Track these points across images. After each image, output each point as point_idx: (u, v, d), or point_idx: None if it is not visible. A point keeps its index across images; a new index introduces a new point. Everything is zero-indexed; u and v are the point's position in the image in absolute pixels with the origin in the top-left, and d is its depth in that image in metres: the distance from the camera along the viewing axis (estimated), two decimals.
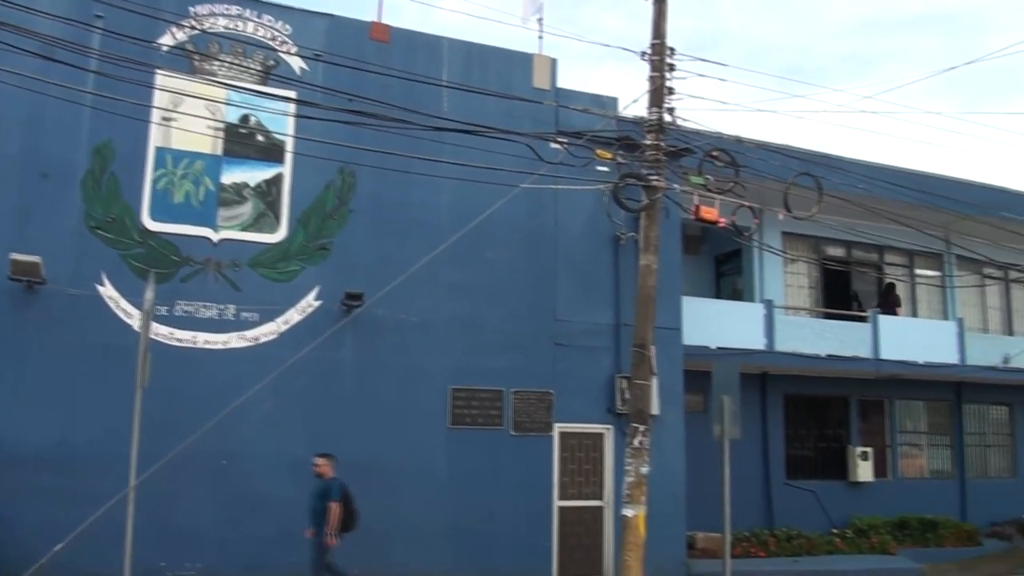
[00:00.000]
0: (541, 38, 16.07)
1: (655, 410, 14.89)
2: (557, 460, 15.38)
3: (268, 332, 13.87)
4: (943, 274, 22.10)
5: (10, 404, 12.56)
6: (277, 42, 14.48)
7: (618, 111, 15.72)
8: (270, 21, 14.50)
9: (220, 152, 14.07)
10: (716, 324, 17.68)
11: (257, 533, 13.08)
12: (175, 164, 13.82)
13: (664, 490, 14.63)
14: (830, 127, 77.73)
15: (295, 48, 14.51)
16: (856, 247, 20.91)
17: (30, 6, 11.38)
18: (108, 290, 13.22)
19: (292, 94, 13.59)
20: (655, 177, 12.63)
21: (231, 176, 14.08)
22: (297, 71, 14.42)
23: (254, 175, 14.20)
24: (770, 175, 14.61)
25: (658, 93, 12.69)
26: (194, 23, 14.04)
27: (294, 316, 14.03)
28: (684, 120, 12.92)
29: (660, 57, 12.71)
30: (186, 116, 13.36)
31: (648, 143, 12.74)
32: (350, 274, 14.22)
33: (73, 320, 12.99)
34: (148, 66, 12.70)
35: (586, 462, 15.63)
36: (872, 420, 21.27)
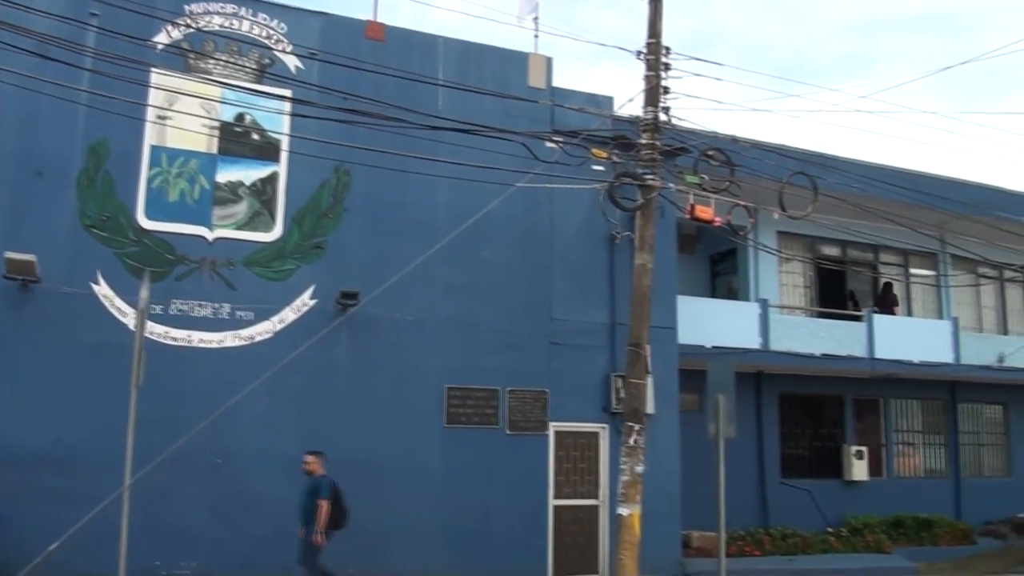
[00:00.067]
0: (537, 37, 16.06)
1: (650, 409, 14.89)
2: (552, 459, 15.38)
3: (263, 331, 13.85)
4: (938, 273, 22.14)
5: (5, 403, 12.52)
6: (272, 40, 14.46)
7: (614, 110, 15.71)
8: (265, 19, 14.49)
9: (215, 150, 14.04)
10: (711, 323, 17.70)
11: (252, 532, 13.07)
12: (170, 162, 13.80)
13: (659, 489, 14.64)
14: (826, 127, 77.86)
15: (290, 46, 14.49)
16: (851, 246, 20.94)
17: (25, 4, 11.31)
18: (103, 289, 13.20)
19: (287, 93, 13.58)
20: (651, 176, 12.64)
21: (226, 175, 14.06)
22: (292, 70, 14.41)
23: (249, 174, 14.18)
24: (765, 174, 14.63)
25: (654, 92, 12.69)
26: (189, 21, 14.02)
27: (289, 315, 14.02)
28: (680, 119, 12.97)
29: (656, 56, 12.72)
30: (181, 114, 13.32)
31: (644, 142, 12.76)
32: (345, 273, 14.20)
33: (68, 319, 12.97)
34: (143, 64, 12.66)
35: (581, 461, 15.63)
36: (867, 419, 21.31)
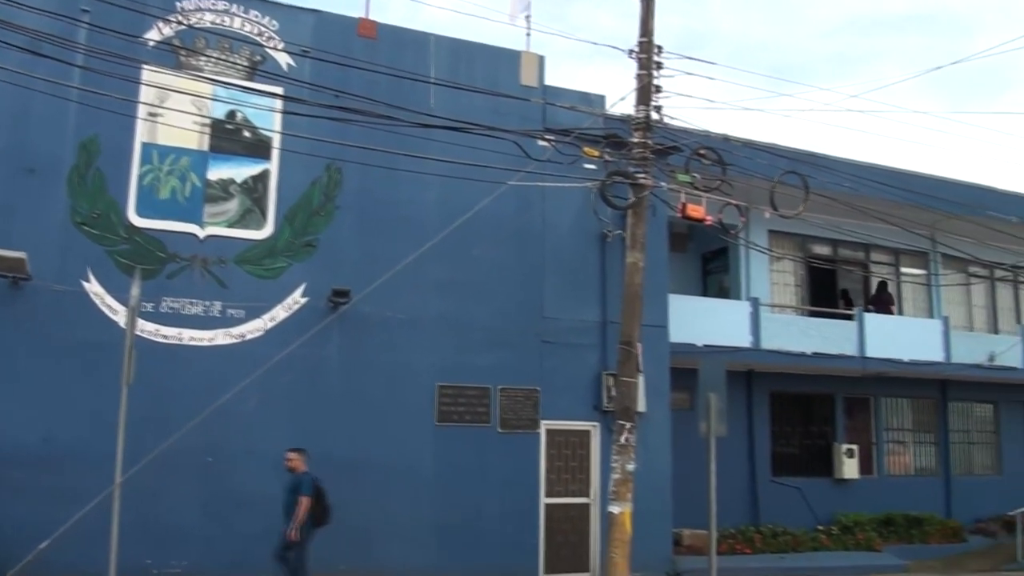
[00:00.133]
0: (529, 35, 16.08)
1: (641, 407, 14.91)
2: (544, 457, 15.39)
3: (254, 329, 13.83)
4: (929, 272, 22.21)
5: None
6: (264, 38, 14.43)
7: (605, 109, 15.72)
8: (257, 16, 14.46)
9: (206, 148, 14.02)
10: (703, 322, 17.72)
11: (243, 530, 13.04)
12: (161, 160, 13.77)
13: (650, 487, 14.66)
14: (817, 126, 77.98)
15: (282, 44, 14.47)
16: (842, 245, 20.98)
17: (16, 0, 11.29)
18: (94, 286, 13.16)
19: (279, 90, 13.58)
20: (642, 175, 12.64)
21: (217, 172, 14.04)
22: (284, 67, 14.38)
23: (240, 171, 14.16)
24: (757, 173, 14.64)
25: (645, 91, 12.69)
26: (180, 18, 13.98)
27: (280, 313, 14.00)
28: (671, 118, 12.95)
29: (648, 55, 12.71)
30: (172, 112, 13.29)
31: (635, 141, 12.75)
32: (337, 271, 14.19)
33: (58, 317, 12.93)
34: (135, 61, 12.62)
35: (572, 459, 15.64)
36: (858, 417, 21.37)
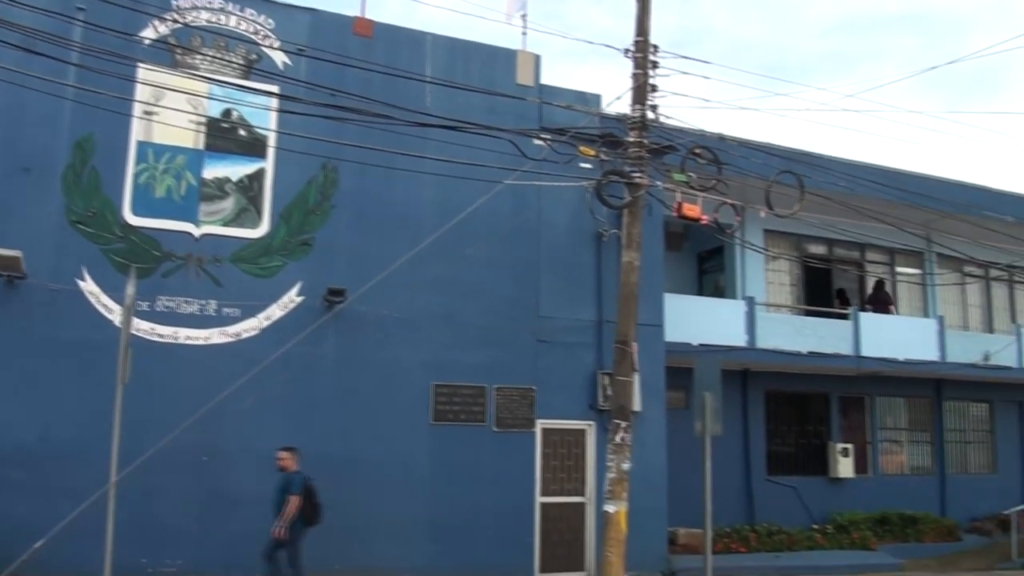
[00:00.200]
0: (525, 34, 16.08)
1: (637, 406, 14.92)
2: (539, 456, 15.39)
3: (250, 328, 13.83)
4: (924, 272, 22.23)
5: None
6: (260, 36, 14.42)
7: (601, 108, 15.73)
8: (253, 15, 14.44)
9: (202, 146, 14.01)
10: (698, 321, 17.73)
11: (238, 529, 13.03)
12: (156, 158, 13.76)
13: (646, 486, 14.67)
14: (812, 125, 78.05)
15: (278, 42, 14.46)
16: (837, 245, 21.00)
17: None
18: (89, 285, 13.15)
19: (275, 89, 13.57)
20: (638, 174, 12.64)
21: (213, 171, 14.03)
22: (280, 66, 14.37)
23: (236, 170, 14.15)
24: (752, 173, 14.66)
25: (641, 90, 12.70)
26: (176, 16, 13.97)
27: (276, 312, 14.00)
28: (667, 117, 12.95)
29: (643, 54, 12.72)
30: (168, 110, 13.28)
31: (631, 140, 12.75)
32: (332, 270, 14.19)
33: (54, 315, 12.92)
34: (130, 59, 12.60)
35: (568, 458, 15.65)
36: (853, 417, 21.39)
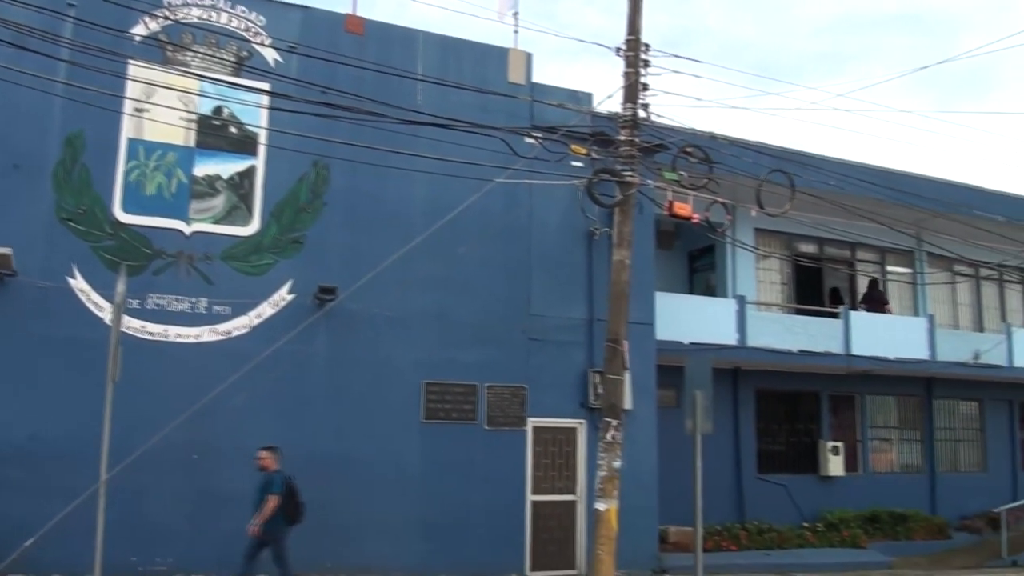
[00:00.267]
0: (516, 32, 16.09)
1: (628, 404, 14.94)
2: (530, 454, 15.40)
3: (240, 326, 13.81)
4: (914, 271, 22.29)
5: None
6: (251, 33, 14.40)
7: (593, 107, 15.74)
8: (244, 12, 14.41)
9: (193, 144, 13.98)
10: (689, 319, 17.75)
11: (228, 527, 12.94)
12: (147, 156, 13.73)
13: (636, 484, 14.70)
14: (803, 124, 78.18)
15: (269, 39, 14.43)
16: (828, 244, 21.03)
17: None
18: (79, 283, 13.12)
19: (266, 86, 13.55)
20: (629, 173, 12.65)
21: (204, 168, 14.00)
22: (271, 63, 14.35)
23: (227, 167, 14.12)
24: (743, 172, 14.68)
25: (633, 89, 12.69)
26: (167, 13, 13.93)
27: (267, 310, 13.98)
28: (658, 116, 12.94)
29: (635, 53, 12.71)
30: (159, 107, 13.26)
31: (622, 139, 12.75)
32: (323, 268, 14.18)
33: (44, 313, 12.88)
34: (121, 56, 12.57)
35: (559, 456, 15.66)
36: (843, 415, 21.44)
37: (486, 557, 14.55)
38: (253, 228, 14.15)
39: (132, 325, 13.06)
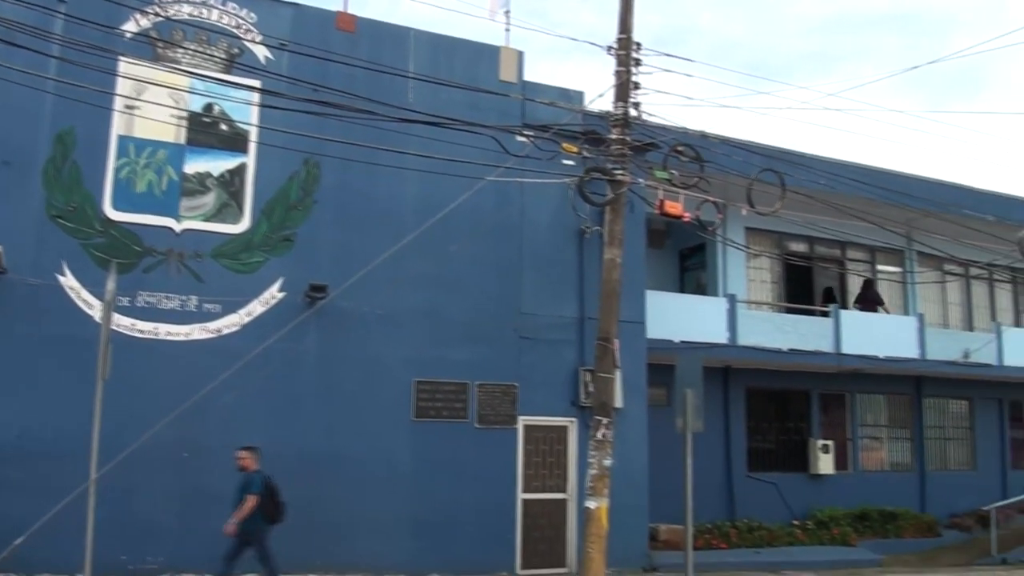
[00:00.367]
0: (508, 31, 16.10)
1: (618, 403, 14.91)
2: (521, 453, 15.41)
3: (231, 324, 13.78)
4: (904, 270, 22.34)
5: None
6: (242, 30, 14.36)
7: (584, 105, 15.76)
8: (235, 9, 14.38)
9: (183, 141, 13.94)
10: (679, 318, 17.76)
11: (219, 526, 12.82)
12: (138, 153, 13.69)
13: (627, 482, 14.71)
14: (794, 124, 78.27)
15: (260, 37, 14.40)
16: (818, 243, 21.07)
17: None
18: (69, 280, 13.08)
19: (256, 83, 13.51)
20: (620, 171, 12.65)
21: (194, 165, 13.97)
22: (262, 60, 14.32)
23: (217, 165, 14.09)
24: (734, 171, 14.71)
25: (624, 88, 12.70)
26: (158, 9, 13.89)
27: (257, 308, 13.95)
28: (649, 115, 12.94)
29: (626, 52, 12.71)
30: (149, 104, 13.23)
31: (614, 137, 12.76)
32: (314, 266, 14.15)
33: (34, 311, 12.83)
34: (111, 53, 12.54)
35: (550, 455, 15.67)
36: (833, 413, 21.49)
37: (477, 555, 14.56)
38: (244, 226, 14.12)
39: (122, 323, 13.03)
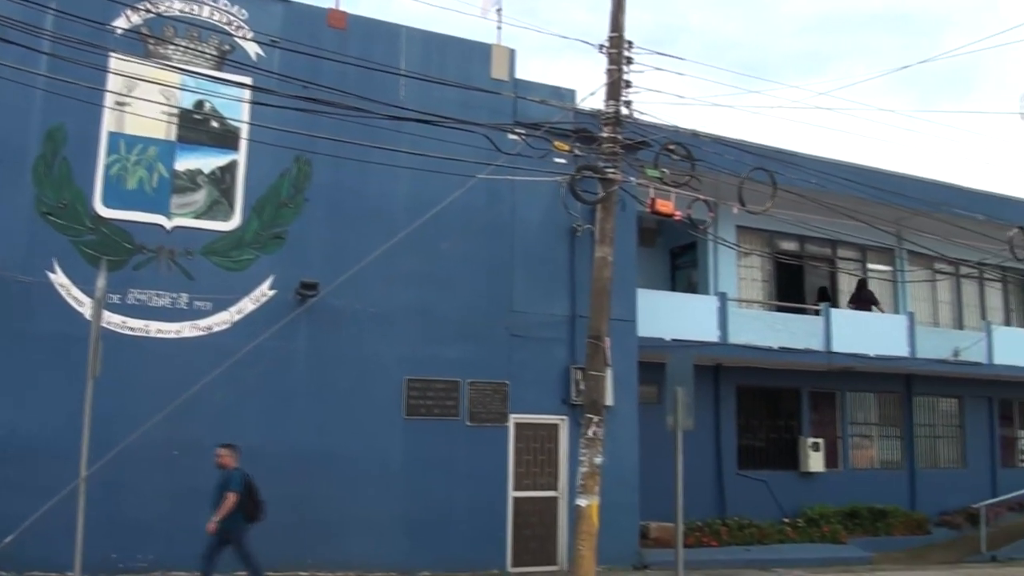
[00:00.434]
0: (500, 29, 16.08)
1: (609, 401, 14.92)
2: (512, 451, 15.42)
3: (221, 321, 13.75)
4: (895, 269, 22.40)
5: None
6: (233, 27, 14.33)
7: (576, 103, 15.76)
8: (226, 5, 14.34)
9: (174, 138, 13.91)
10: (671, 316, 17.80)
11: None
12: (128, 150, 13.65)
13: (618, 480, 14.69)
14: (785, 123, 78.49)
15: (251, 33, 14.37)
16: (809, 241, 21.13)
17: None
18: (59, 277, 13.03)
19: (247, 80, 13.44)
20: (611, 170, 12.65)
21: (185, 163, 13.93)
22: (253, 57, 14.29)
23: (208, 162, 14.06)
24: (725, 169, 14.74)
25: (615, 86, 12.70)
26: (149, 6, 13.85)
27: (248, 305, 13.93)
28: (641, 113, 12.95)
29: (618, 50, 12.72)
30: (140, 101, 13.17)
31: (605, 136, 12.75)
32: (305, 263, 14.13)
33: (24, 308, 12.79)
34: (102, 49, 12.47)
35: (541, 453, 15.68)
36: (823, 412, 21.55)
37: (468, 553, 14.56)
38: (234, 223, 14.09)
39: (112, 320, 12.99)
